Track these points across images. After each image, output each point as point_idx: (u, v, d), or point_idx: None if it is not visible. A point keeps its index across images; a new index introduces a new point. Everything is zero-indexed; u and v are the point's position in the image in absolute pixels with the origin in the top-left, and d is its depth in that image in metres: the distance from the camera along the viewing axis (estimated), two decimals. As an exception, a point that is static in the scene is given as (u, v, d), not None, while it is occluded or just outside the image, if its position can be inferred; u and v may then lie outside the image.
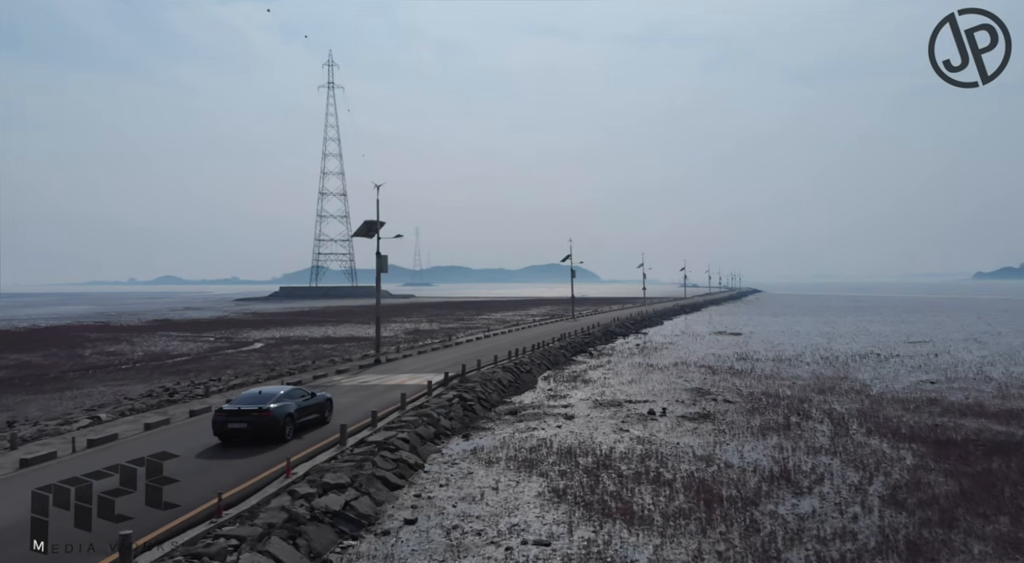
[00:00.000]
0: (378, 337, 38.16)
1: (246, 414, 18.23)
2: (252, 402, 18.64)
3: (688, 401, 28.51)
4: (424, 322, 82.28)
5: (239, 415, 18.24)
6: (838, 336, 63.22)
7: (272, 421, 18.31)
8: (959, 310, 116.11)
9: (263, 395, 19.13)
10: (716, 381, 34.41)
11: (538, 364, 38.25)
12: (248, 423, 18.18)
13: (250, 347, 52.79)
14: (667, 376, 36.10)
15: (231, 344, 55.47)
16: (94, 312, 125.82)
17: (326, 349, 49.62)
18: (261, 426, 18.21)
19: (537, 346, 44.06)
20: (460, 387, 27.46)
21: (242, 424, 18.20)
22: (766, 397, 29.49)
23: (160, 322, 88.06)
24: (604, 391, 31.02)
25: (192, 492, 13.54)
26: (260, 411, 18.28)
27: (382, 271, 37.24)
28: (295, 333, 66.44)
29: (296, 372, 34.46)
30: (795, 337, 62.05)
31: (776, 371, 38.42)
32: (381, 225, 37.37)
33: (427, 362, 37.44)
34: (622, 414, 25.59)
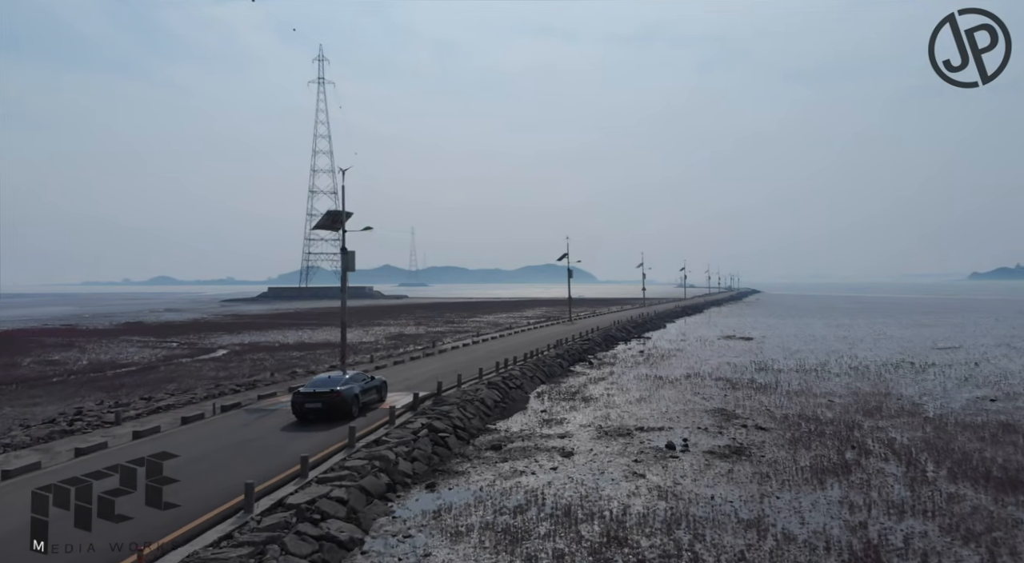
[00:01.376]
0: (343, 348, 32.73)
1: (320, 395, 21.22)
2: (325, 385, 21.76)
3: (712, 428, 23.30)
4: (411, 325, 76.99)
5: (314, 397, 21.22)
6: (858, 341, 58.16)
7: (343, 401, 21.28)
8: (970, 312, 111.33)
9: (332, 379, 22.27)
10: (739, 399, 29.24)
11: (530, 378, 33.01)
12: (322, 403, 21.15)
13: (211, 355, 47.49)
14: (681, 392, 30.89)
15: (191, 351, 50.15)
16: (69, 314, 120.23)
17: (294, 358, 44.34)
18: (333, 405, 21.15)
19: (530, 355, 38.86)
20: (432, 412, 22.21)
21: (317, 404, 21.15)
22: (805, 422, 24.33)
23: (130, 325, 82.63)
24: (608, 413, 25.78)
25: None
26: (332, 393, 21.28)
27: (348, 269, 31.94)
28: (267, 338, 61.13)
29: (242, 389, 29.20)
30: (812, 342, 56.95)
31: (805, 385, 33.28)
32: (347, 216, 32.08)
33: (400, 375, 32.17)
34: (633, 448, 20.37)
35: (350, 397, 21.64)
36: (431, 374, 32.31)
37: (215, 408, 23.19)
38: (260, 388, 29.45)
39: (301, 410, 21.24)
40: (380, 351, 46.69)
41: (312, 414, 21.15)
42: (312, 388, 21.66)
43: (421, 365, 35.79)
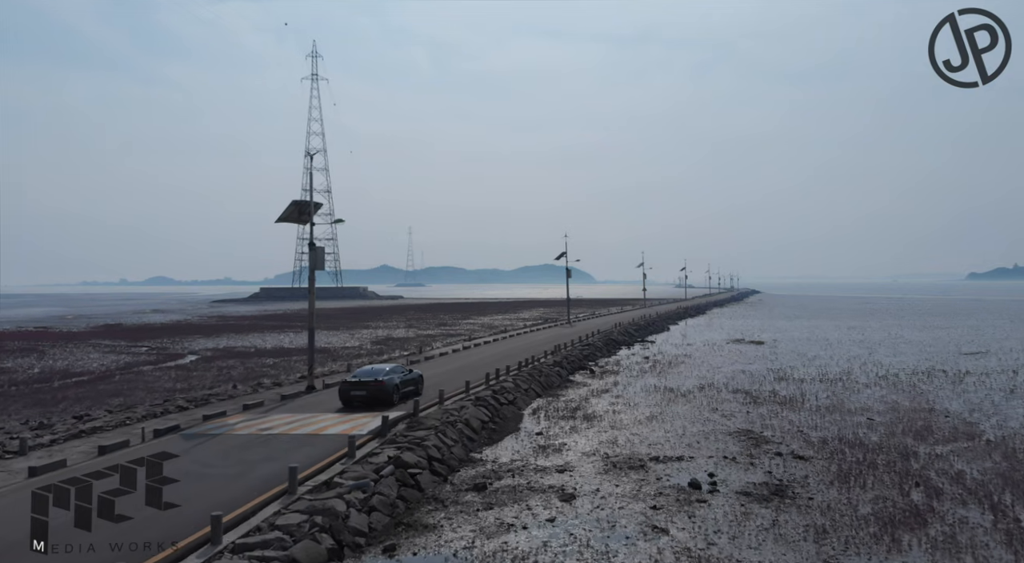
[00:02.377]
0: (311, 356, 28.93)
1: (365, 384, 23.46)
2: (368, 375, 23.99)
3: (741, 457, 19.47)
4: (401, 328, 73.06)
5: (359, 385, 23.45)
6: (876, 345, 54.38)
7: (385, 389, 23.38)
8: (980, 313, 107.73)
9: (375, 370, 24.47)
10: (764, 417, 25.42)
11: (524, 390, 29.15)
12: (366, 391, 23.36)
13: (177, 361, 43.59)
14: (696, 408, 27.05)
15: (158, 357, 46.25)
16: (52, 315, 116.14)
17: (266, 365, 40.45)
18: (376, 393, 23.30)
19: (525, 363, 35.01)
20: (404, 439, 18.36)
21: (362, 391, 23.39)
22: (848, 448, 20.54)
23: (107, 328, 78.63)
24: (616, 437, 21.93)
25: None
26: (375, 382, 23.48)
27: (316, 268, 28.10)
28: (245, 342, 57.18)
29: (192, 406, 25.30)
30: (827, 347, 53.16)
31: (835, 398, 29.48)
32: (316, 207, 28.25)
33: (378, 388, 28.27)
34: (650, 486, 16.52)
35: (391, 387, 23.98)
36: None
37: (143, 435, 19.31)
38: (213, 404, 25.57)
39: (347, 397, 23.70)
40: (362, 357, 42.81)
41: (357, 400, 23.62)
42: (357, 378, 24.06)
43: (403, 375, 31.89)
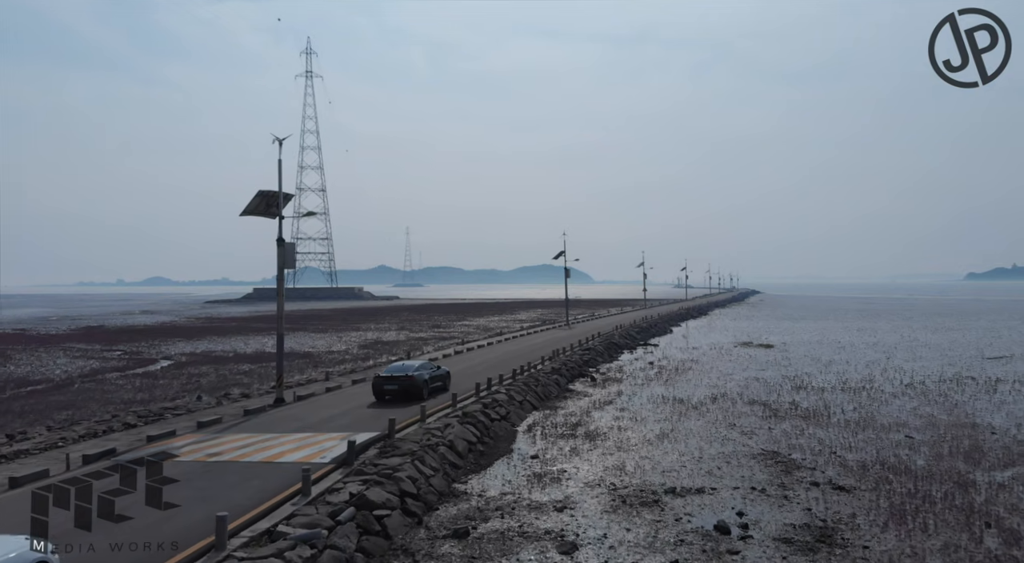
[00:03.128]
0: (280, 366, 25.90)
1: (397, 379, 24.87)
2: (400, 371, 25.40)
3: (771, 488, 16.55)
4: (393, 330, 70.08)
5: (392, 380, 24.88)
6: (891, 349, 51.54)
7: (416, 384, 24.87)
8: (989, 314, 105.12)
9: (406, 366, 25.92)
10: (789, 434, 22.53)
11: (519, 403, 26.20)
12: (398, 385, 24.77)
13: (147, 367, 40.64)
14: (712, 424, 24.13)
15: (129, 363, 43.30)
16: (36, 316, 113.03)
17: (241, 372, 37.49)
18: (408, 387, 24.73)
19: (521, 370, 32.11)
20: (374, 469, 15.42)
21: (394, 386, 24.80)
22: (894, 474, 17.66)
23: (88, 330, 75.59)
24: (623, 461, 19.00)
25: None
26: (407, 377, 24.93)
27: (287, 267, 25.14)
28: (225, 346, 54.21)
29: (143, 422, 22.32)
30: (841, 351, 50.30)
31: (863, 411, 26.61)
32: (286, 199, 25.31)
33: (354, 402, 25.34)
34: (668, 531, 13.59)
35: (421, 382, 25.16)
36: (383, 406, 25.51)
37: (68, 462, 16.32)
38: (166, 421, 22.61)
39: (380, 391, 24.90)
40: (346, 363, 39.87)
41: (389, 394, 24.76)
42: (390, 373, 25.25)
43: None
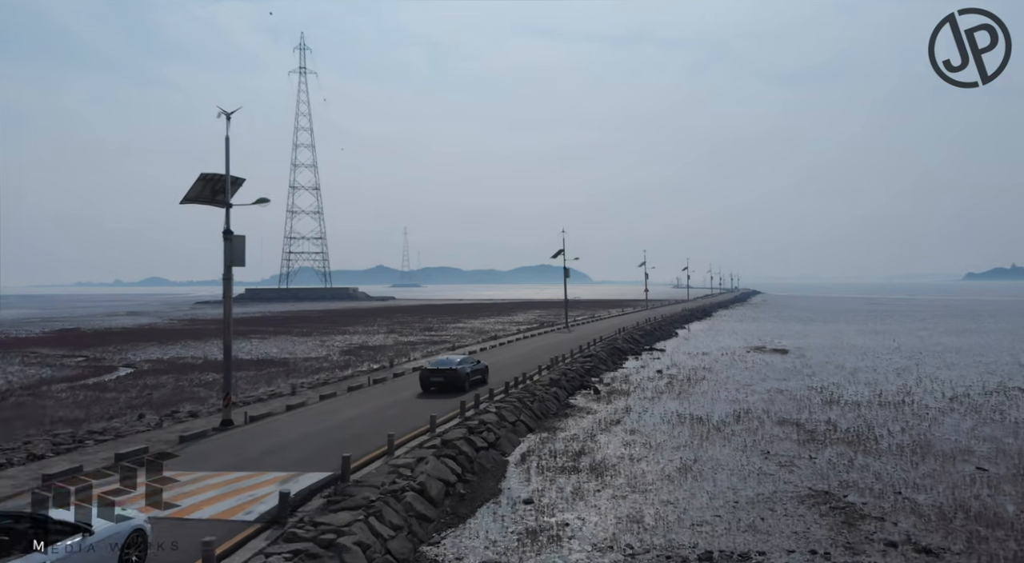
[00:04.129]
0: (227, 381, 21.83)
1: (442, 371, 26.97)
2: (445, 364, 27.47)
3: (837, 549, 12.67)
4: (381, 333, 66.10)
5: (438, 373, 26.92)
6: (916, 354, 47.70)
7: (459, 376, 26.83)
8: (1003, 315, 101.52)
9: (449, 360, 27.91)
10: (835, 464, 18.67)
11: (511, 424, 22.26)
12: (444, 378, 26.84)
13: (103, 377, 36.67)
14: (741, 451, 20.22)
15: (89, 370, 39.35)
16: (18, 317, 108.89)
17: (203, 383, 33.55)
18: (452, 379, 26.77)
19: (515, 382, 28.23)
20: (313, 531, 11.50)
21: (440, 378, 26.85)
22: (985, 526, 13.85)
23: (61, 333, 71.54)
24: (640, 509, 15.07)
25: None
26: (451, 370, 27.00)
27: (235, 264, 21.18)
28: (197, 351, 50.27)
29: (51, 453, 18.34)
30: (863, 356, 46.42)
31: (914, 433, 22.75)
32: (236, 184, 21.38)
33: (316, 425, 21.39)
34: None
35: (463, 374, 26.94)
36: (362, 419, 21.58)
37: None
38: (85, 448, 18.66)
39: (427, 382, 26.87)
40: (321, 372, 35.92)
41: (434, 385, 26.75)
42: (435, 366, 27.21)
43: (349, 405, 24.97)
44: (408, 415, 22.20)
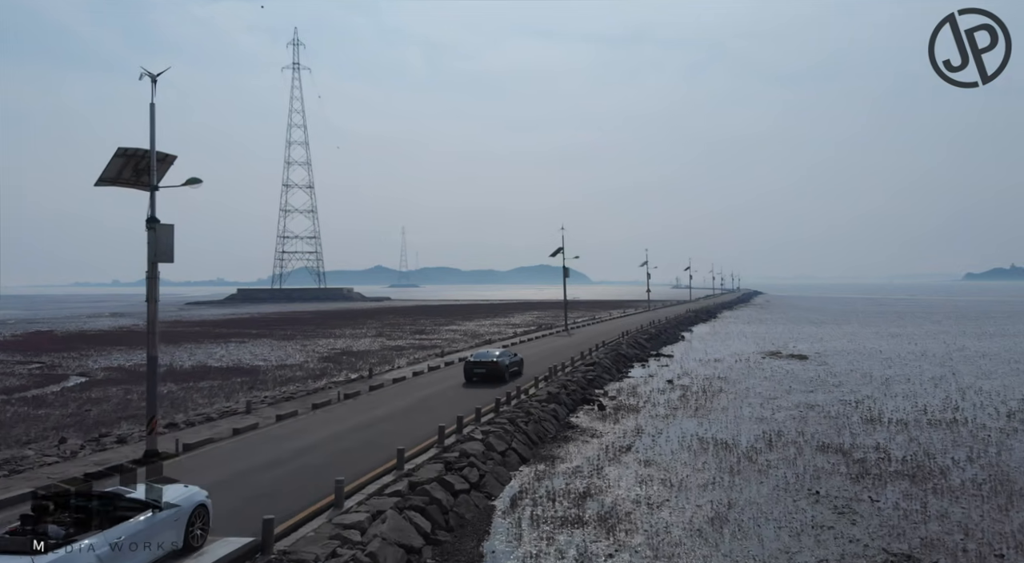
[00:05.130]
0: (151, 403, 17.78)
1: (485, 363, 29.70)
2: (486, 357, 30.30)
3: None
4: (368, 337, 62.17)
5: (480, 364, 29.64)
6: (946, 361, 43.89)
7: (499, 368, 29.57)
8: (1018, 316, 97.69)
9: (489, 354, 30.90)
10: (906, 512, 14.81)
11: (500, 455, 18.37)
12: (486, 369, 29.50)
13: (53, 387, 32.81)
14: (783, 491, 16.34)
15: (37, 379, 35.48)
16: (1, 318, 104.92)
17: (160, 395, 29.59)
18: (493, 371, 29.48)
19: (507, 397, 24.38)
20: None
21: (482, 370, 29.50)
22: None
23: (28, 336, 67.61)
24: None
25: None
26: (492, 362, 29.72)
27: (161, 259, 17.25)
28: (163, 357, 46.27)
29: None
30: (891, 364, 42.57)
31: (984, 462, 18.95)
32: (165, 163, 17.50)
33: (258, 458, 17.47)
34: None
35: (503, 367, 29.91)
36: (301, 460, 17.64)
37: None
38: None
39: (470, 373, 29.76)
40: (291, 384, 32.04)
41: (477, 376, 29.54)
42: (478, 358, 30.24)
43: (307, 429, 21.04)
44: (374, 445, 18.30)
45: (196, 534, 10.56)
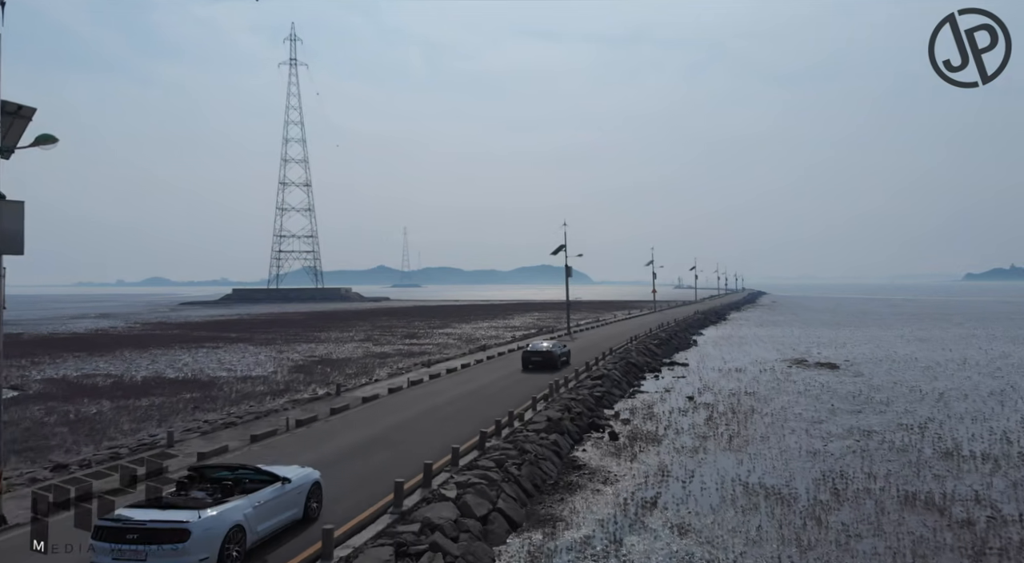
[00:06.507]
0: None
1: (540, 353, 34.03)
2: (540, 348, 34.66)
3: None
4: (355, 342, 57.28)
5: (536, 354, 33.98)
6: (996, 371, 39.05)
7: (553, 357, 33.84)
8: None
9: (542, 345, 35.33)
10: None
11: (482, 521, 13.51)
12: (541, 358, 33.73)
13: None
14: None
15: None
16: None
17: (83, 417, 24.79)
18: (547, 359, 33.64)
19: (497, 427, 19.59)
20: None
21: (539, 359, 33.71)
22: None
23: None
24: None
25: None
26: (547, 352, 34.08)
27: (7, 250, 12.42)
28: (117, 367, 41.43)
29: None
30: (931, 374, 37.70)
31: None
32: (18, 118, 12.72)
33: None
34: None
35: (556, 356, 34.04)
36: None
37: None
38: None
39: (527, 362, 33.88)
40: (246, 402, 27.20)
41: (533, 365, 33.53)
42: (534, 349, 34.57)
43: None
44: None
45: (313, 507, 12.16)
